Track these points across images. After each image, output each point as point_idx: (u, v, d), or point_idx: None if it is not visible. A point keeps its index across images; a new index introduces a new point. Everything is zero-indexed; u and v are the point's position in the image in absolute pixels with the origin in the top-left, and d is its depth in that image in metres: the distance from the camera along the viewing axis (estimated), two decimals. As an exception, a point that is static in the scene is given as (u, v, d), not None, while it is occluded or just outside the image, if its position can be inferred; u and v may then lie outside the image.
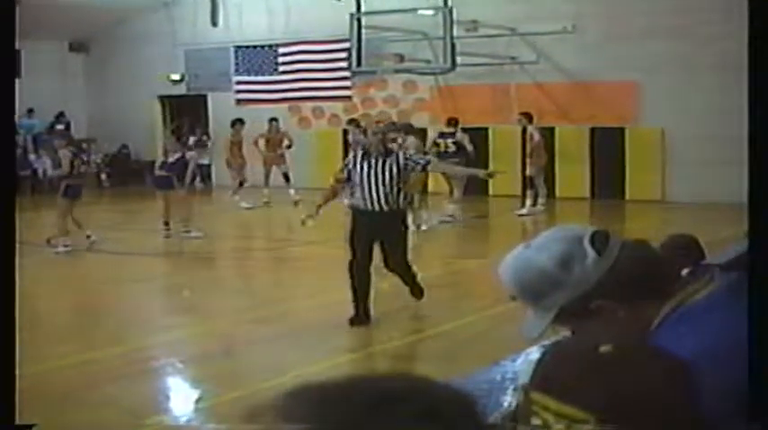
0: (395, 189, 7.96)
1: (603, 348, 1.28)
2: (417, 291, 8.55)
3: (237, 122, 18.49)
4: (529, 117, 16.39)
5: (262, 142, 18.21)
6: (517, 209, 16.18)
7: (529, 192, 16.49)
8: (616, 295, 1.67)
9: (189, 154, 15.08)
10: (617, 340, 1.36)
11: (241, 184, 17.97)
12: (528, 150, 16.38)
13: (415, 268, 8.53)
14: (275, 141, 18.24)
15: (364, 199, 7.95)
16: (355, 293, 8.00)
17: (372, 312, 8.14)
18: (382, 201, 7.92)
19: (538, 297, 1.72)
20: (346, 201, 8.14)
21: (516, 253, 1.75)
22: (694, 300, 1.66)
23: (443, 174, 14.46)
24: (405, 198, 8.36)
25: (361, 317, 8.03)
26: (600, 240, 1.69)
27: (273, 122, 18.41)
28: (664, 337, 1.61)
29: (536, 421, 1.25)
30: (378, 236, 8.00)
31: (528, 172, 16.55)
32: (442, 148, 15.48)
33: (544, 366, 1.33)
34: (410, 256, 8.48)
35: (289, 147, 18.12)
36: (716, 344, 1.51)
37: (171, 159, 14.20)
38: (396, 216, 8.08)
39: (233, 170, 18.16)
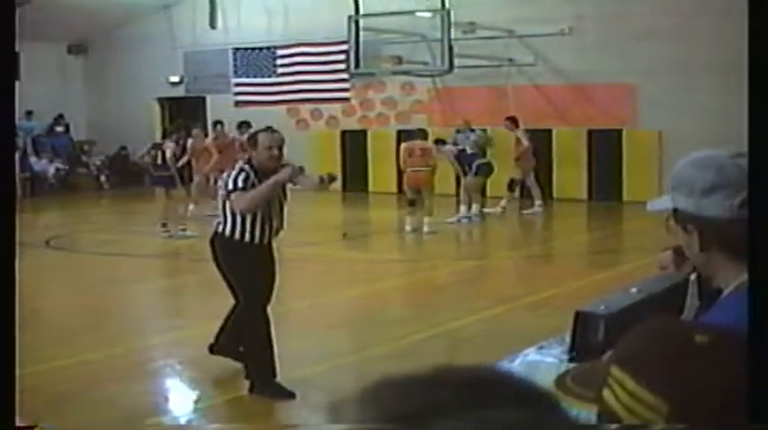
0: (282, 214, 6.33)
1: (699, 338, 1.24)
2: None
3: (218, 124, 17.88)
4: (515, 122, 16.38)
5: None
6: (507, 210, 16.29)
7: (510, 195, 16.50)
8: (713, 240, 1.68)
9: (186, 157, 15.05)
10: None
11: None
12: (515, 155, 16.38)
13: None
14: (223, 147, 16.40)
15: (264, 228, 6.14)
16: (260, 352, 6.17)
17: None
18: (275, 230, 6.26)
19: (674, 186, 1.78)
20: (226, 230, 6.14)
21: (709, 153, 1.75)
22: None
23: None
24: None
25: (274, 385, 6.19)
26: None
27: (218, 126, 17.28)
28: (718, 313, 1.60)
29: (607, 394, 1.23)
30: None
31: (514, 175, 16.49)
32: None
33: (632, 342, 1.30)
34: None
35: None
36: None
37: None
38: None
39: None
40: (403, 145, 14.81)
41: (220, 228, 6.24)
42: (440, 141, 15.84)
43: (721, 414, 1.19)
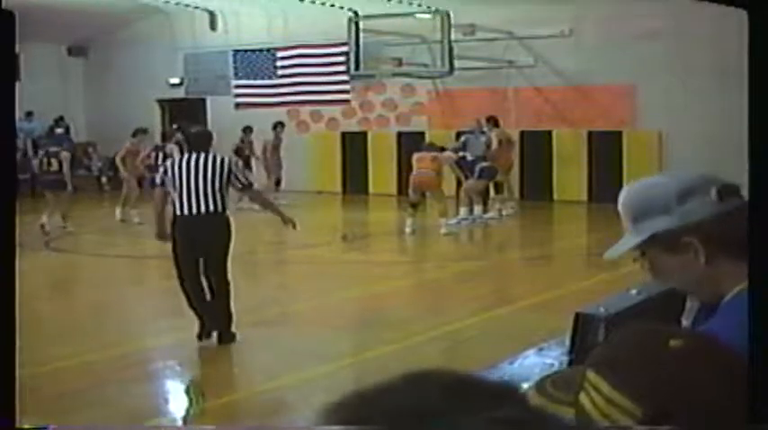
0: None
1: (674, 342, 1.24)
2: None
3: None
4: (494, 121, 16.09)
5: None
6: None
7: (500, 197, 16.45)
8: (712, 242, 1.67)
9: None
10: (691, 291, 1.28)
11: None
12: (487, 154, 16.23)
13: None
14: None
15: None
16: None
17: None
18: None
19: (640, 216, 1.71)
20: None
21: (639, 182, 1.76)
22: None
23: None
24: None
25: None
26: (727, 191, 1.68)
27: (139, 134, 16.99)
28: (722, 321, 1.59)
29: (583, 398, 1.22)
30: None
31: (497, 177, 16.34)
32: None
33: (609, 347, 1.30)
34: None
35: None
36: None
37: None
38: None
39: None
40: (415, 155, 14.75)
41: (222, 206, 7.30)
42: (441, 149, 15.74)
43: (697, 418, 1.19)
